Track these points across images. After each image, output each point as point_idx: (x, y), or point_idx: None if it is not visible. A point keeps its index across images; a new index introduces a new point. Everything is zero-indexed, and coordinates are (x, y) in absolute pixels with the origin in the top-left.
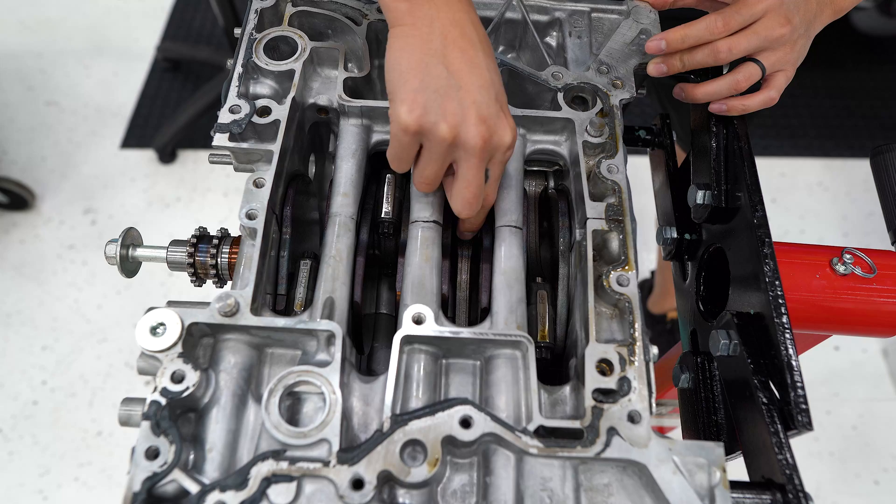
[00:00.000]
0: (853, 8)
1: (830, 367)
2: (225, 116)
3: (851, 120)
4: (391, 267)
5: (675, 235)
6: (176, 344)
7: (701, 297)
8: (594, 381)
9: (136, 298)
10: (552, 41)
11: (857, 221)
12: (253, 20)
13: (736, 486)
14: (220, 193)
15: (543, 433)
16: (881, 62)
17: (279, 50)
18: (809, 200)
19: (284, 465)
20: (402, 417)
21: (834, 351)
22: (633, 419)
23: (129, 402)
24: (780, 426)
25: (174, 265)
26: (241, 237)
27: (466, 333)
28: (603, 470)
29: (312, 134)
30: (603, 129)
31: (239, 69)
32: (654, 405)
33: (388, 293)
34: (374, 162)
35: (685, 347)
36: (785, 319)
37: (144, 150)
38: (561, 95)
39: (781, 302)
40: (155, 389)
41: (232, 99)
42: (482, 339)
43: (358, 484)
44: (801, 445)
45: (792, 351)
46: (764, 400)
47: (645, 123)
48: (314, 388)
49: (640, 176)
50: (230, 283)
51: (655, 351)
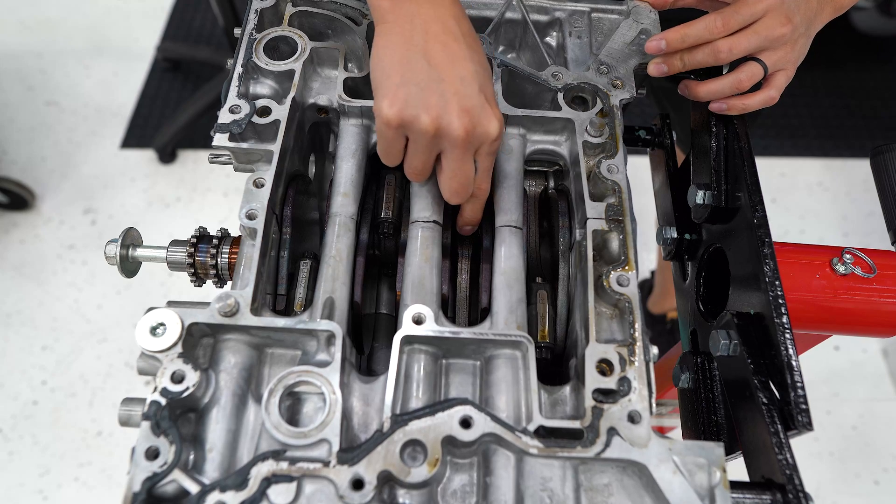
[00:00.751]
0: (853, 8)
1: (830, 367)
2: (225, 116)
3: (851, 120)
4: (391, 267)
5: (675, 235)
6: (176, 344)
7: (701, 297)
8: (594, 381)
9: (136, 298)
10: (552, 41)
11: (857, 221)
12: (253, 20)
13: (736, 486)
14: (220, 193)
15: (543, 433)
16: (881, 62)
17: (279, 50)
18: (809, 200)
19: (284, 465)
20: (402, 417)
21: (834, 351)
22: (633, 419)
23: (129, 402)
24: (780, 426)
25: (174, 265)
26: (241, 237)
27: (466, 333)
28: (603, 470)
29: (312, 134)
30: (603, 129)
31: (239, 69)
32: (654, 405)
33: (388, 293)
34: (374, 162)
35: (685, 347)
36: (785, 319)
37: (144, 150)
38: (561, 95)
39: (781, 302)
40: (155, 389)
41: (232, 99)
42: (482, 339)
43: (358, 484)
44: (801, 445)
45: (792, 351)
46: (764, 400)
47: (645, 123)
48: (314, 388)
49: (640, 176)
50: (230, 283)
51: (655, 351)
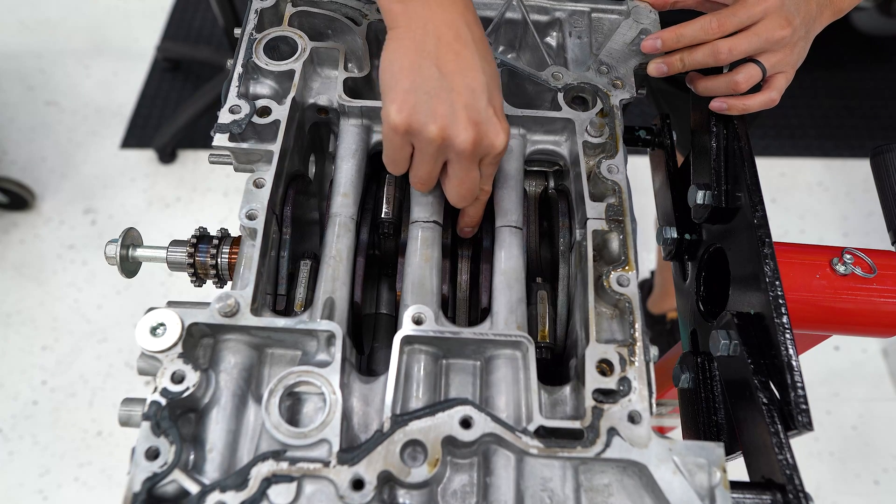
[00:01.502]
0: (853, 8)
1: (830, 367)
2: (225, 116)
3: (851, 120)
4: (391, 267)
5: (675, 235)
6: (176, 344)
7: (701, 297)
8: (594, 381)
9: (136, 298)
10: (552, 41)
11: (857, 221)
12: (253, 20)
13: (736, 486)
14: (220, 193)
15: (544, 433)
16: (881, 62)
17: (279, 50)
18: (809, 200)
19: (284, 465)
20: (402, 418)
21: (834, 351)
22: (633, 419)
23: (129, 402)
24: (780, 426)
25: (174, 265)
26: (241, 237)
27: (466, 334)
28: (603, 470)
29: (312, 134)
30: (603, 129)
31: (239, 69)
32: (654, 405)
33: (388, 293)
34: (374, 162)
35: (685, 347)
36: (785, 319)
37: (144, 150)
38: (561, 95)
39: (781, 302)
40: (155, 390)
41: (232, 99)
42: (482, 339)
43: (358, 484)
44: (801, 445)
45: (792, 351)
46: (764, 400)
47: (645, 123)
48: (314, 388)
49: (640, 176)
50: (230, 283)
51: (655, 351)
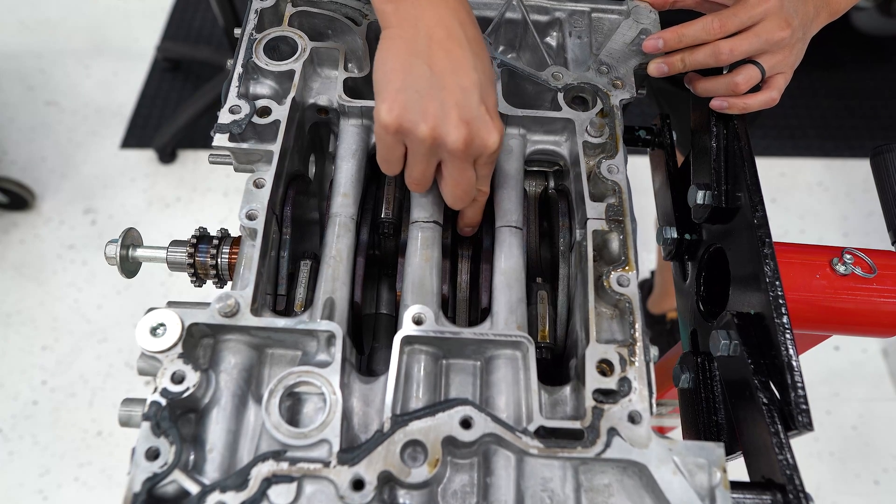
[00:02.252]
0: (853, 7)
1: (830, 367)
2: (225, 117)
3: (851, 120)
4: (391, 267)
5: (675, 235)
6: (176, 344)
7: (701, 297)
8: (594, 381)
9: (136, 298)
10: (552, 41)
11: (857, 221)
12: (253, 20)
13: (736, 486)
14: (220, 193)
15: (544, 434)
16: (881, 62)
17: (279, 50)
18: (809, 200)
19: (285, 465)
20: (402, 418)
21: (834, 351)
22: (633, 419)
23: (129, 402)
24: (780, 426)
25: (174, 265)
26: (241, 237)
27: (466, 334)
28: (603, 470)
29: (312, 134)
30: (603, 129)
31: (239, 69)
32: (654, 405)
33: (388, 293)
34: (374, 162)
35: (685, 347)
36: (785, 319)
37: (144, 150)
38: (561, 95)
39: (782, 302)
40: (155, 390)
41: (232, 99)
42: (482, 339)
43: (358, 484)
44: (801, 445)
45: (792, 351)
46: (764, 400)
47: (645, 123)
48: (314, 388)
49: (640, 176)
50: (230, 283)
51: (655, 351)
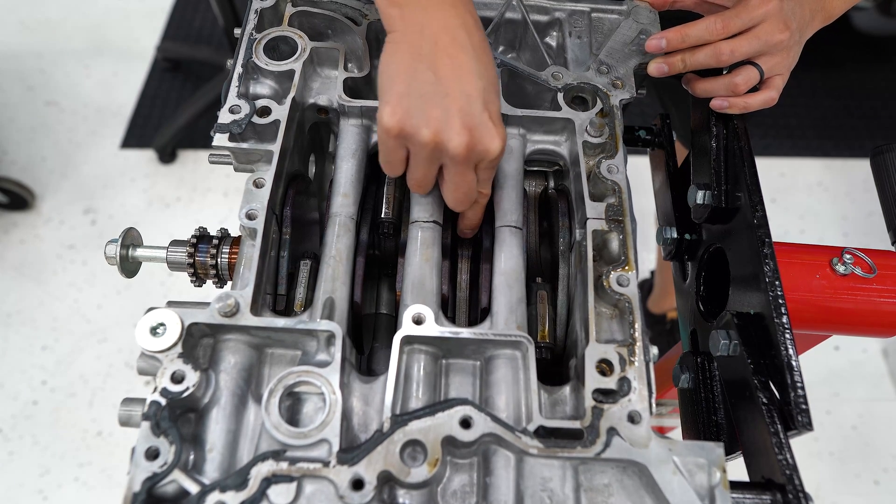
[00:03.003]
0: (853, 7)
1: (830, 367)
2: (225, 116)
3: (851, 120)
4: (391, 267)
5: (675, 235)
6: (176, 344)
7: (701, 297)
8: (594, 381)
9: (136, 298)
10: (552, 41)
11: (857, 221)
12: (253, 20)
13: (736, 486)
14: (220, 193)
15: (543, 433)
16: (881, 62)
17: (279, 50)
18: (809, 200)
19: (284, 465)
20: (402, 418)
21: (834, 351)
22: (633, 419)
23: (129, 402)
24: (780, 426)
25: (174, 265)
26: (241, 237)
27: (466, 334)
28: (603, 470)
29: (312, 134)
30: (603, 129)
31: (239, 69)
32: (654, 405)
33: (388, 293)
34: (374, 162)
35: (685, 347)
36: (785, 319)
37: (144, 150)
38: (561, 95)
39: (781, 302)
40: (155, 390)
41: (232, 99)
42: (482, 339)
43: (358, 484)
44: (801, 445)
45: (792, 351)
46: (764, 400)
47: (645, 123)
48: (314, 388)
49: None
50: (230, 283)
51: (655, 351)
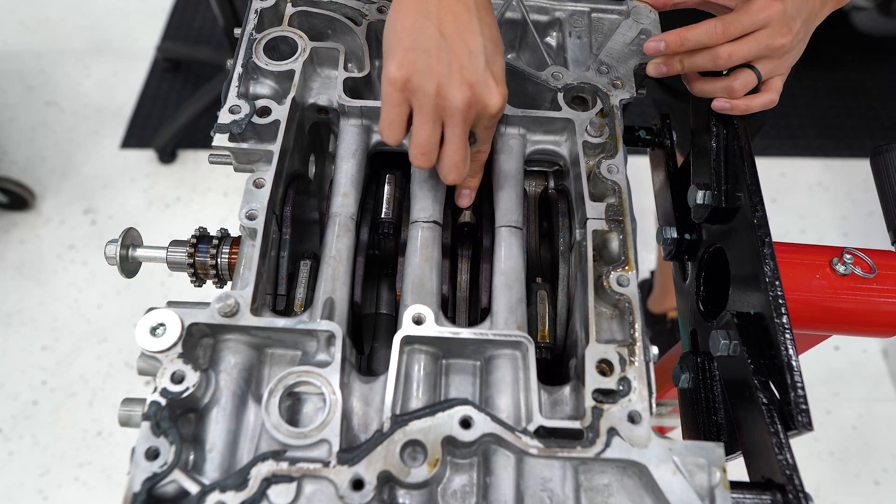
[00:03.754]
0: (853, 8)
1: (830, 367)
2: (225, 116)
3: (851, 120)
4: (391, 267)
5: (675, 235)
6: (176, 344)
7: (701, 297)
8: (594, 381)
9: (136, 298)
10: (552, 41)
11: (857, 221)
12: (253, 20)
13: (736, 486)
14: (220, 193)
15: (543, 433)
16: (881, 62)
17: (279, 50)
18: (809, 200)
19: (284, 465)
20: (402, 418)
21: (834, 351)
22: (633, 419)
23: (129, 402)
24: (780, 426)
25: (174, 265)
26: (240, 237)
27: (466, 334)
28: (603, 470)
29: (312, 134)
30: (603, 129)
31: (239, 69)
32: (654, 405)
33: (388, 293)
34: (374, 162)
35: (685, 347)
36: (785, 319)
37: (144, 150)
38: (561, 95)
39: (781, 302)
40: (155, 390)
41: (232, 99)
42: (482, 339)
43: (358, 484)
44: (801, 445)
45: (792, 351)
46: (764, 400)
47: (645, 123)
48: (314, 388)
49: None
50: (230, 283)
51: (655, 351)
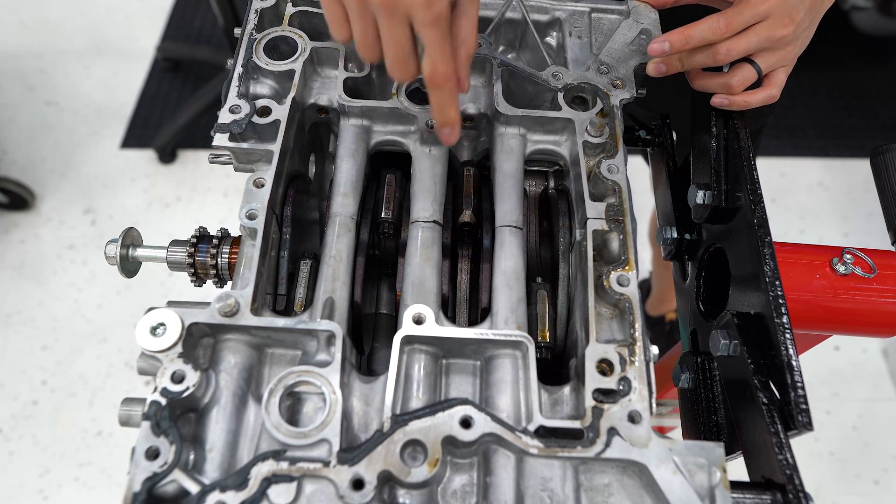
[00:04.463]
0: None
1: (830, 367)
2: (225, 116)
3: (851, 120)
4: (391, 267)
5: (675, 235)
6: (176, 344)
7: (701, 297)
8: (594, 381)
9: (136, 298)
10: (552, 41)
11: (857, 221)
12: (253, 20)
13: (736, 486)
14: (220, 193)
15: (544, 433)
16: (881, 62)
17: (279, 50)
18: (809, 200)
19: (284, 465)
20: (402, 417)
21: (834, 351)
22: (633, 419)
23: (129, 402)
24: (780, 426)
25: (174, 265)
26: (241, 237)
27: (466, 334)
28: (603, 470)
29: (312, 134)
30: (603, 129)
31: (239, 69)
32: (654, 405)
33: (388, 293)
34: (374, 162)
35: (685, 347)
36: (785, 319)
37: (144, 150)
38: (561, 95)
39: (782, 302)
40: (155, 390)
41: (232, 99)
42: (482, 339)
43: (358, 484)
44: (801, 445)
45: (792, 351)
46: (764, 400)
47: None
48: (314, 388)
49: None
50: (230, 283)
51: (656, 351)
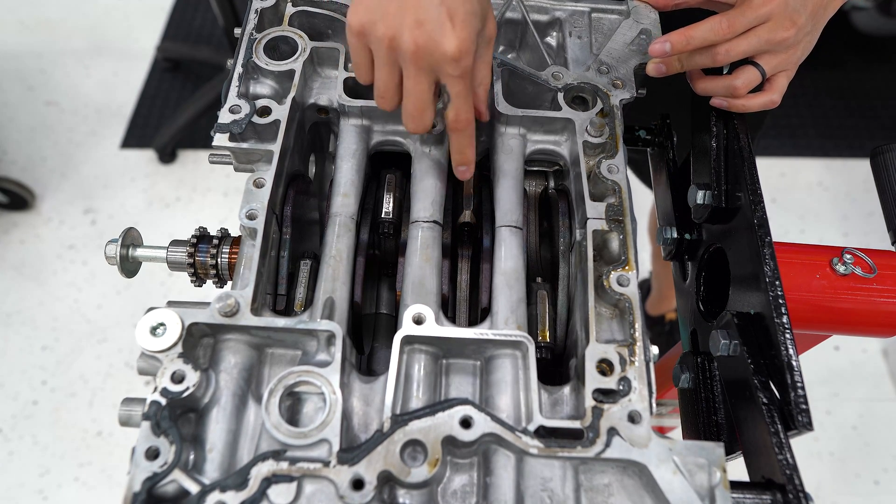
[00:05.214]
0: (853, 7)
1: (830, 367)
2: (225, 116)
3: (851, 120)
4: (391, 267)
5: (675, 235)
6: (176, 344)
7: (701, 297)
8: (594, 381)
9: (136, 298)
10: (552, 41)
11: (857, 221)
12: (253, 20)
13: (736, 486)
14: (220, 193)
15: (544, 433)
16: (881, 62)
17: (279, 50)
18: (809, 200)
19: (284, 465)
20: (402, 417)
21: (834, 351)
22: (633, 419)
23: (129, 402)
24: (780, 426)
25: (174, 265)
26: (241, 237)
27: (466, 334)
28: (603, 470)
29: (312, 134)
30: (603, 129)
31: (239, 69)
32: (654, 405)
33: (388, 293)
34: (374, 162)
35: (685, 347)
36: (785, 319)
37: (144, 150)
38: (561, 95)
39: (782, 302)
40: (155, 390)
41: (232, 99)
42: (482, 339)
43: (358, 484)
44: (801, 445)
45: (792, 351)
46: (764, 400)
47: (645, 124)
48: (314, 388)
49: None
50: (230, 283)
51: (656, 351)
